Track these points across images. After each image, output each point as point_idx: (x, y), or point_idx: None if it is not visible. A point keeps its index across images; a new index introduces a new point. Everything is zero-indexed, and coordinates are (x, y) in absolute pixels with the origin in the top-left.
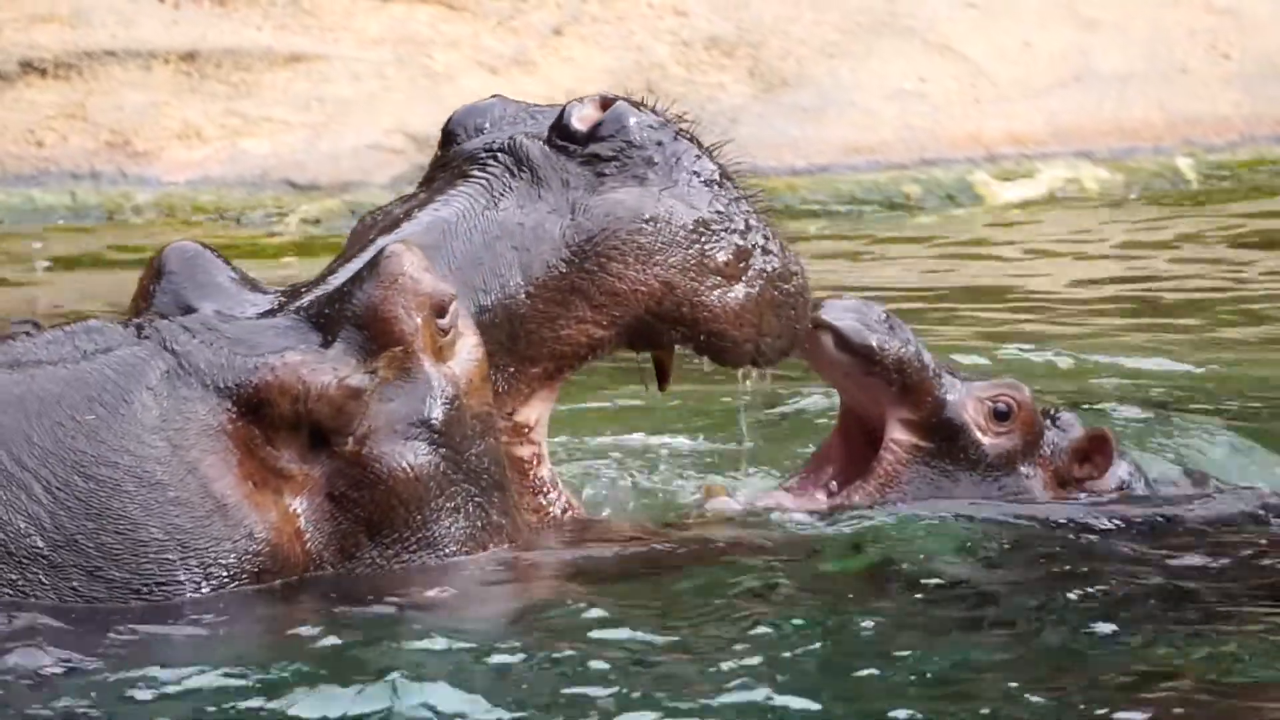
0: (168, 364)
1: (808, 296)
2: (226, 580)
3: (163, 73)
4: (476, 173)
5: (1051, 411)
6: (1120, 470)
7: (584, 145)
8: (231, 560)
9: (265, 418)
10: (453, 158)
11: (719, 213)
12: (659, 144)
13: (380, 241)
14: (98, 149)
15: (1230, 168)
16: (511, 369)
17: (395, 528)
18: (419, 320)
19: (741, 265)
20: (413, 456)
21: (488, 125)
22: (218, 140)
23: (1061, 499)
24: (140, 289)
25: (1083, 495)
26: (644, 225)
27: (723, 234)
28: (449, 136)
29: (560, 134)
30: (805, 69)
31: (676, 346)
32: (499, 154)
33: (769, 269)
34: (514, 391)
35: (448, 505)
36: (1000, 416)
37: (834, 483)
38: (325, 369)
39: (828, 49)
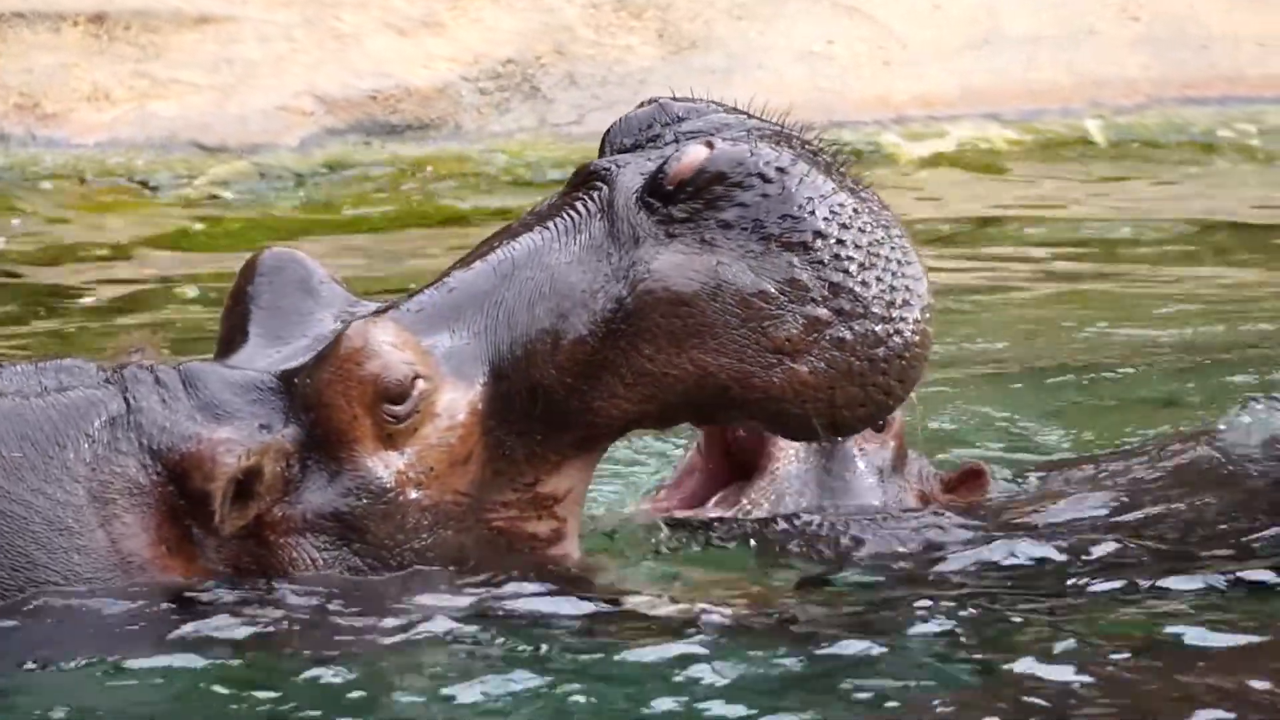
0: (116, 413)
1: (910, 356)
2: None
3: (72, 34)
4: (579, 205)
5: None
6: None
7: (664, 204)
8: None
9: (184, 488)
10: (578, 174)
11: (793, 280)
12: (741, 205)
13: (451, 278)
14: (7, 111)
15: (1137, 130)
16: (538, 436)
17: None
18: (357, 409)
19: (813, 337)
20: (315, 551)
21: (632, 140)
22: (126, 102)
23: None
24: (225, 304)
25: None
26: (680, 309)
27: (791, 305)
28: (602, 147)
29: (650, 186)
30: (713, 31)
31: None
32: (603, 189)
33: (850, 336)
34: (538, 460)
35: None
36: (877, 427)
37: (699, 494)
38: (239, 450)
39: (736, 10)
